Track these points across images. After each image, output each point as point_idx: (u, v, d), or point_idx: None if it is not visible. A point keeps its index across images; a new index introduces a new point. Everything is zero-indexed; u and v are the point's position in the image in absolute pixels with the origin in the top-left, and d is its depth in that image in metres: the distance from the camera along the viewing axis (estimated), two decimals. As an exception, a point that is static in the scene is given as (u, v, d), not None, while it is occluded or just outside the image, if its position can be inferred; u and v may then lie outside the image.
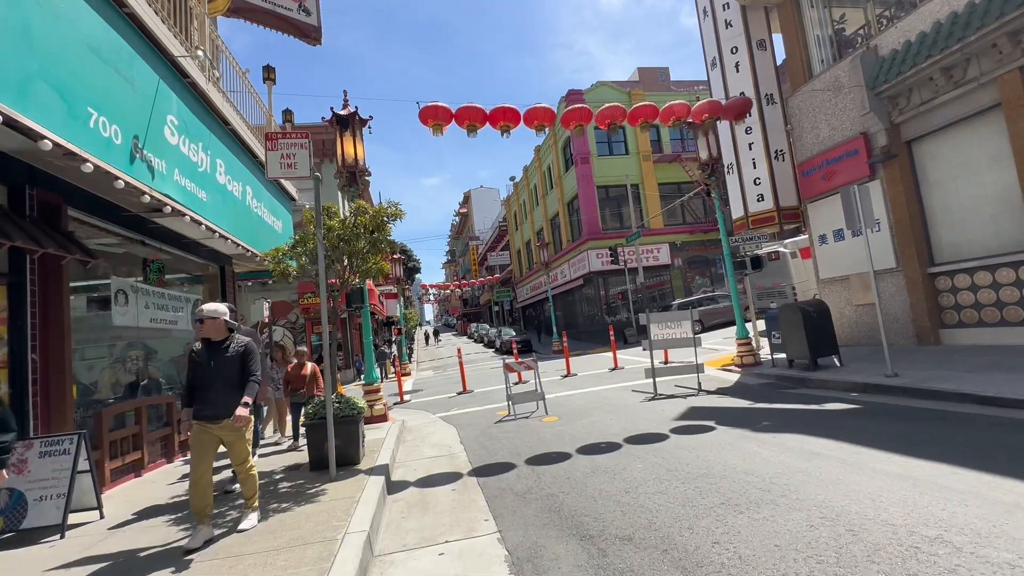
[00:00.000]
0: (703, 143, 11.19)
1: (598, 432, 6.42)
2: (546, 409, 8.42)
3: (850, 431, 5.04)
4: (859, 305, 11.09)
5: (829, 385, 8.14)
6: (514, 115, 7.61)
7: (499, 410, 9.37)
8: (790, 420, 5.92)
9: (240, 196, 7.75)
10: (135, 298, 6.37)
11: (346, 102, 9.93)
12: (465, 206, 68.50)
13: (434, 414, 10.04)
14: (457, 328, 63.88)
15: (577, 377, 12.65)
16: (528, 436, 6.76)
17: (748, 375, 10.10)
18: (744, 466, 4.28)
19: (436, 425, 8.81)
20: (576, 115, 7.88)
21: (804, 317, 9.13)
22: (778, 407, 6.84)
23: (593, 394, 9.83)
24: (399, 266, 26.93)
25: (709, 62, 13.45)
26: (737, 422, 6.03)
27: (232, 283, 9.55)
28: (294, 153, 5.03)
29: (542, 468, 5.10)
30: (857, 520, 2.98)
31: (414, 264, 63.83)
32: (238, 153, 7.82)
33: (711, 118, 9.08)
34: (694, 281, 27.14)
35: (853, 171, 10.56)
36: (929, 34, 8.77)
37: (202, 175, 6.41)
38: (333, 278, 6.26)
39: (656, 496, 3.85)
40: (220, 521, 4.14)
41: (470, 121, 7.49)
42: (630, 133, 27.27)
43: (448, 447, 6.83)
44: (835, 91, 10.97)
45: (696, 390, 8.83)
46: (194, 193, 6.09)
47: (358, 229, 5.60)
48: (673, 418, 6.77)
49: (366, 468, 5.36)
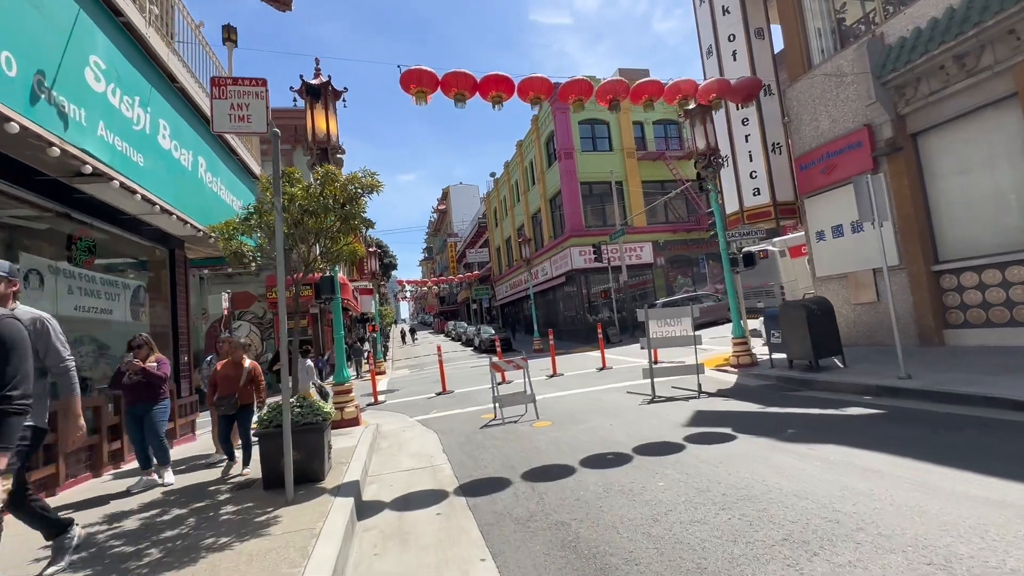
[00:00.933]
0: (700, 132, 10.62)
1: (600, 440, 5.68)
2: (537, 413, 7.65)
3: (892, 441, 4.43)
4: (858, 304, 10.69)
5: (837, 387, 7.62)
6: (507, 84, 6.81)
7: (484, 413, 8.56)
8: (816, 427, 5.29)
9: (190, 167, 6.71)
10: (54, 281, 5.31)
11: (318, 71, 8.94)
12: (443, 202, 67.27)
13: (412, 417, 9.15)
14: (434, 326, 62.62)
15: (564, 377, 11.93)
16: (520, 444, 5.97)
17: (746, 376, 9.55)
18: (791, 486, 3.59)
19: (414, 430, 7.93)
20: (576, 88, 7.14)
21: (808, 315, 8.61)
22: (794, 412, 6.23)
23: (585, 396, 9.11)
24: (375, 260, 25.78)
25: (705, 50, 12.91)
26: (757, 429, 5.38)
27: (184, 270, 8.46)
28: (247, 103, 4.10)
29: (543, 486, 4.32)
30: (979, 569, 2.29)
31: (390, 260, 62.31)
32: (189, 117, 6.78)
33: (718, 98, 8.47)
34: (676, 281, 26.85)
35: (856, 164, 10.12)
36: (941, 20, 8.34)
37: (139, 135, 5.39)
38: (297, 263, 5.32)
39: (694, 527, 3.11)
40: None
41: (458, 89, 6.66)
42: (615, 129, 26.81)
43: (429, 457, 5.99)
44: (837, 81, 10.54)
45: (696, 392, 8.20)
46: (127, 155, 5.08)
47: (326, 200, 4.69)
48: (682, 424, 6.08)
49: (332, 486, 4.46)
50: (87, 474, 5.56)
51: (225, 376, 5.37)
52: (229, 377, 5.35)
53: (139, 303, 7.09)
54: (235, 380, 5.34)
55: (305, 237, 5.08)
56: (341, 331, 8.65)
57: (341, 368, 8.59)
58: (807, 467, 3.96)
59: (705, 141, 10.55)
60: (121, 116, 5.02)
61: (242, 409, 5.38)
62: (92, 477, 5.58)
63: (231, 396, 5.28)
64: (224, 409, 5.30)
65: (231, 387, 5.31)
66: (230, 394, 5.28)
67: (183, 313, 8.30)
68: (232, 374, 5.36)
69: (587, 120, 26.48)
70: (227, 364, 5.45)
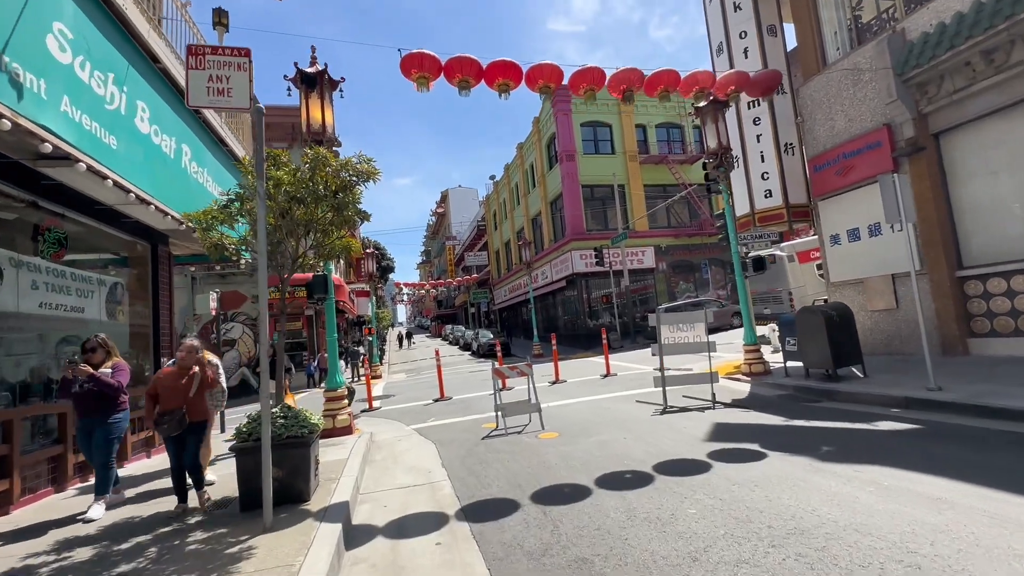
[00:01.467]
0: (712, 131, 10.20)
1: (615, 456, 5.19)
2: (542, 423, 7.15)
3: (944, 462, 3.96)
4: (874, 311, 10.25)
5: (861, 399, 7.17)
6: (515, 71, 6.36)
7: (485, 422, 8.06)
8: (852, 444, 4.82)
9: (172, 154, 6.23)
10: (15, 275, 4.81)
11: (313, 59, 8.46)
12: (442, 206, 66.86)
13: (408, 425, 8.64)
14: (431, 330, 62.01)
15: (567, 384, 11.44)
16: (526, 459, 5.48)
17: (760, 385, 9.09)
18: (847, 518, 3.11)
19: (411, 440, 7.42)
20: (587, 77, 6.71)
21: (826, 322, 8.17)
22: (822, 426, 5.76)
23: (592, 404, 8.62)
24: (372, 261, 25.27)
25: (715, 48, 12.52)
26: (787, 446, 4.90)
27: (167, 266, 7.95)
28: (228, 75, 3.63)
29: (557, 510, 3.83)
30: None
31: (388, 263, 61.78)
32: (172, 101, 6.30)
33: (736, 91, 8.05)
34: (678, 286, 26.42)
35: (874, 165, 9.72)
36: (968, 14, 7.96)
37: (112, 116, 4.90)
38: (284, 259, 4.84)
39: (744, 571, 2.62)
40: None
41: (462, 75, 6.20)
42: (617, 131, 26.46)
43: (427, 472, 5.48)
44: (854, 79, 10.15)
45: (711, 402, 7.72)
46: (97, 136, 4.59)
47: (316, 186, 4.22)
48: (702, 438, 5.60)
49: (318, 508, 3.96)
50: (48, 489, 5.03)
51: (169, 386, 4.24)
52: (174, 387, 4.24)
53: (116, 301, 6.59)
54: (183, 391, 4.24)
55: (293, 230, 4.60)
56: (335, 333, 8.15)
57: (334, 373, 8.07)
58: (859, 494, 3.48)
59: (717, 140, 10.13)
60: (91, 92, 4.54)
61: (193, 428, 4.27)
62: (54, 492, 5.05)
63: (176, 411, 4.17)
64: (168, 428, 4.14)
65: (176, 399, 4.21)
66: (175, 408, 4.18)
67: (166, 313, 7.79)
68: (178, 384, 4.26)
69: (589, 122, 26.14)
70: (170, 373, 4.35)
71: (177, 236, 7.77)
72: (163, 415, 4.19)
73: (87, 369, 4.15)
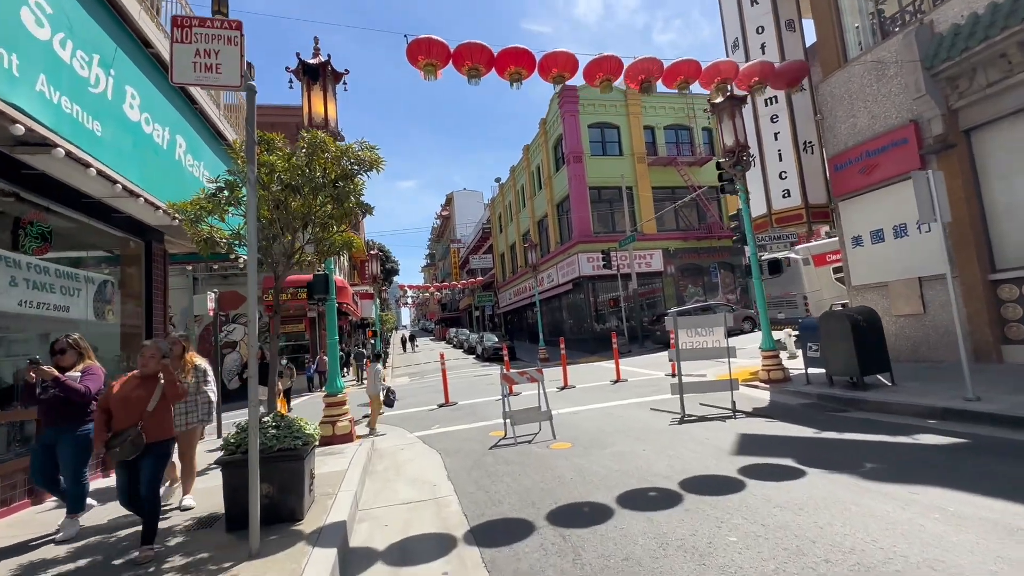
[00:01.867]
0: (728, 127, 9.82)
1: (635, 470, 4.79)
2: (553, 432, 6.75)
3: (1009, 482, 3.53)
4: (899, 316, 9.79)
5: (892, 409, 6.73)
6: (528, 59, 6.01)
7: (492, 430, 7.67)
8: (896, 460, 4.40)
9: (165, 145, 5.90)
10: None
11: (316, 50, 8.15)
12: (447, 208, 66.67)
13: (411, 432, 8.26)
14: (435, 333, 61.64)
15: (577, 390, 11.02)
16: (539, 472, 5.08)
17: (781, 393, 8.66)
18: (917, 553, 2.70)
19: (414, 448, 7.04)
20: (604, 66, 6.34)
21: (853, 327, 7.75)
22: (857, 439, 5.33)
23: (604, 412, 8.21)
24: (376, 263, 24.98)
25: (730, 44, 12.15)
26: (824, 461, 4.48)
27: (162, 265, 7.62)
28: (217, 50, 3.29)
29: (577, 534, 3.43)
30: None
31: (392, 265, 61.58)
32: (165, 89, 5.98)
33: (760, 83, 7.66)
34: (687, 290, 25.96)
35: (900, 163, 9.29)
36: (1003, 4, 7.55)
37: (97, 100, 4.57)
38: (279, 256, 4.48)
39: (807, 617, 2.22)
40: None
41: (472, 63, 5.86)
42: (624, 133, 26.10)
43: (432, 485, 5.09)
44: (878, 75, 9.74)
45: (731, 411, 7.30)
46: (79, 120, 4.26)
47: (313, 173, 3.85)
48: (728, 451, 5.19)
49: (312, 529, 3.58)
50: (25, 501, 4.68)
51: (123, 397, 3.45)
52: (130, 399, 3.44)
53: (105, 300, 6.25)
54: (140, 404, 3.45)
55: (289, 223, 4.24)
56: (336, 335, 7.79)
57: (334, 377, 7.71)
58: (923, 522, 3.06)
59: (734, 137, 9.74)
60: (72, 73, 4.21)
61: (151, 451, 3.42)
62: (30, 504, 4.69)
63: (130, 430, 3.34)
64: (121, 452, 3.29)
65: (132, 414, 3.41)
66: (130, 426, 3.37)
67: (159, 314, 7.46)
68: (135, 394, 3.47)
69: (596, 124, 25.81)
70: (131, 379, 3.61)
71: (172, 233, 7.45)
72: (115, 435, 3.37)
73: (50, 371, 3.73)
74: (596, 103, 25.69)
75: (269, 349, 4.24)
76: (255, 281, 3.19)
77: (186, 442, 4.47)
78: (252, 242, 3.22)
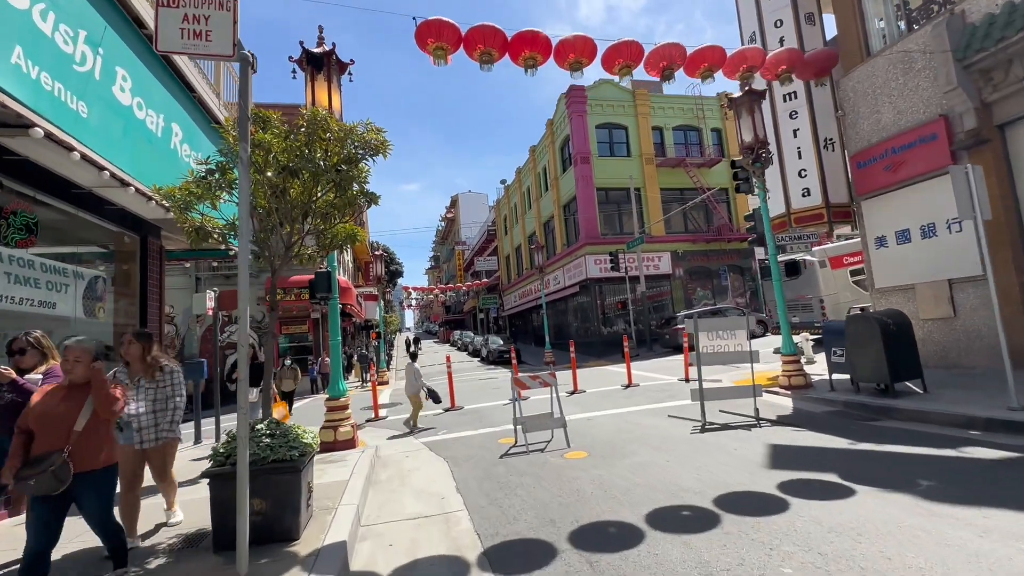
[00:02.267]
0: (747, 123, 9.46)
1: (661, 484, 4.40)
2: (567, 440, 6.37)
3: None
4: (927, 320, 9.35)
5: (928, 418, 6.31)
6: (544, 44, 5.65)
7: (501, 436, 7.30)
8: (953, 477, 3.99)
9: (160, 133, 5.58)
10: (-33, 263, 4.14)
11: (321, 39, 7.86)
12: (452, 210, 66.44)
13: (417, 438, 7.90)
14: (439, 335, 61.27)
15: (587, 395, 10.63)
16: (555, 484, 4.70)
17: (804, 400, 8.25)
18: (1016, 593, 2.30)
19: (420, 456, 6.67)
20: (624, 52, 5.97)
21: (882, 331, 7.34)
22: (900, 451, 4.93)
23: (618, 419, 7.82)
24: (381, 264, 24.68)
25: (747, 38, 11.76)
26: (872, 477, 4.08)
27: (158, 261, 7.30)
28: (207, 15, 2.95)
29: (606, 560, 3.05)
30: None
31: (396, 267, 61.37)
32: (161, 74, 5.67)
33: (787, 71, 7.28)
34: (695, 293, 25.50)
35: (929, 160, 8.89)
36: (1042, -9, 7.15)
37: (83, 79, 4.25)
38: (276, 248, 4.12)
39: None
40: None
41: (485, 47, 5.52)
42: (633, 134, 25.74)
43: (440, 498, 4.72)
44: (904, 68, 9.34)
45: (754, 418, 6.90)
46: (60, 98, 3.93)
47: (312, 155, 3.49)
48: (761, 464, 4.79)
49: (308, 551, 3.21)
50: (1, 513, 4.34)
51: (43, 415, 2.75)
52: (50, 416, 2.74)
53: (96, 297, 5.93)
54: (64, 421, 2.74)
55: (288, 213, 3.89)
56: (338, 336, 7.45)
57: (336, 380, 7.36)
58: (1009, 552, 2.66)
59: (753, 133, 9.37)
60: (54, 48, 3.89)
61: (84, 484, 2.74)
62: (7, 516, 4.35)
63: (51, 456, 2.65)
64: (39, 485, 2.60)
65: (55, 435, 2.72)
66: (53, 451, 2.67)
67: (155, 312, 7.13)
68: (59, 410, 2.77)
69: (604, 124, 25.47)
70: (56, 389, 2.88)
71: (169, 227, 7.14)
72: (34, 462, 2.62)
73: (8, 373, 3.32)
74: (604, 103, 25.36)
75: (263, 349, 3.87)
76: (247, 272, 2.84)
77: (159, 461, 3.71)
78: (244, 230, 2.87)
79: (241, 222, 2.82)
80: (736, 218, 26.14)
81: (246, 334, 2.85)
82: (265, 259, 4.04)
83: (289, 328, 21.61)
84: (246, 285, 2.86)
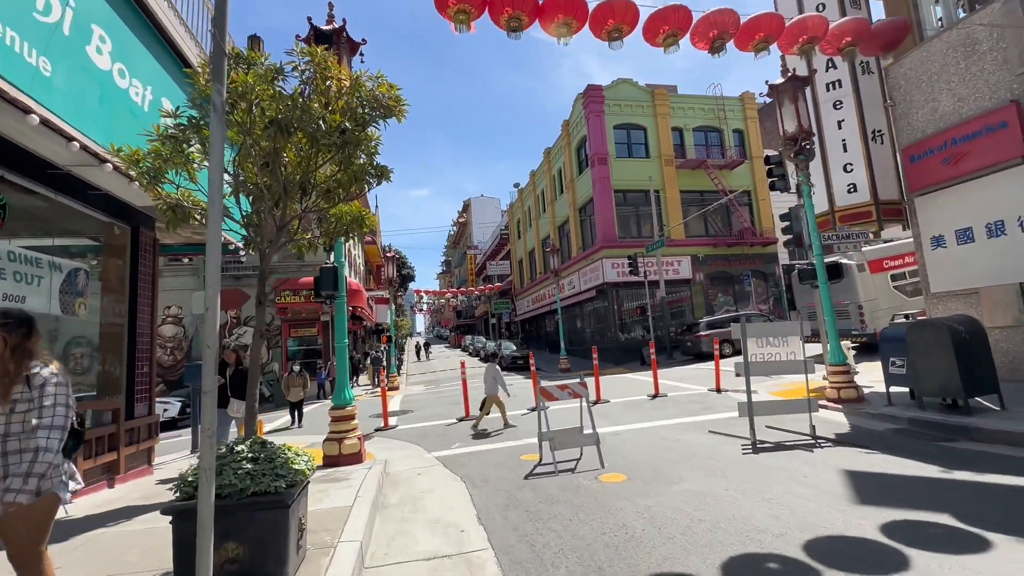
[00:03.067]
0: (790, 112, 8.66)
1: (726, 520, 3.62)
2: (601, 459, 5.60)
3: None
4: (995, 328, 8.43)
5: (1018, 440, 5.44)
6: (581, 8, 4.95)
7: (522, 452, 6.56)
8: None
9: (146, 106, 4.97)
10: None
11: (331, 16, 7.28)
12: (464, 215, 66.05)
13: (429, 452, 7.19)
14: (450, 340, 60.64)
15: (612, 405, 9.83)
16: (595, 517, 3.94)
17: (858, 415, 7.40)
18: None
19: (433, 474, 5.95)
20: (670, 18, 5.25)
21: (953, 339, 6.50)
22: (1006, 483, 4.09)
23: (652, 434, 7.03)
24: (392, 266, 24.11)
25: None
26: (994, 520, 3.27)
27: (151, 254, 6.70)
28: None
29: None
30: None
31: (408, 271, 60.95)
32: (150, 42, 5.08)
33: (852, 45, 6.50)
34: (716, 299, 24.54)
35: (997, 151, 8.02)
36: None
37: (47, 31, 3.64)
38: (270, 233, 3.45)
39: None
40: None
41: (513, 10, 4.84)
42: (652, 134, 24.96)
43: (459, 531, 3.98)
44: (966, 52, 8.49)
45: (810, 437, 6.08)
46: (13, 48, 3.31)
47: (308, 104, 2.79)
48: (844, 496, 3.99)
49: (295, 611, 2.50)
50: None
51: None
52: None
53: (76, 292, 5.32)
54: None
55: (283, 188, 3.21)
56: (344, 339, 6.78)
57: (343, 386, 6.69)
58: None
59: (796, 122, 8.57)
60: (9, -11, 3.29)
61: None
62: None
63: None
64: None
65: None
66: None
67: (146, 310, 6.52)
68: None
69: (622, 125, 24.74)
70: None
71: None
72: None
73: None
74: (622, 103, 24.66)
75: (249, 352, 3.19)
76: (219, 249, 2.16)
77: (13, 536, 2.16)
78: (215, 196, 2.19)
79: (211, 184, 2.14)
80: (759, 221, 25.19)
81: (215, 327, 2.16)
82: (256, 244, 3.37)
83: (298, 331, 21.08)
84: (217, 262, 2.17)
